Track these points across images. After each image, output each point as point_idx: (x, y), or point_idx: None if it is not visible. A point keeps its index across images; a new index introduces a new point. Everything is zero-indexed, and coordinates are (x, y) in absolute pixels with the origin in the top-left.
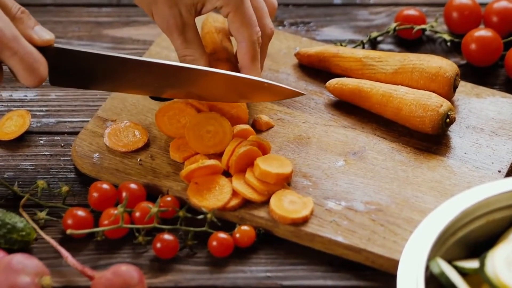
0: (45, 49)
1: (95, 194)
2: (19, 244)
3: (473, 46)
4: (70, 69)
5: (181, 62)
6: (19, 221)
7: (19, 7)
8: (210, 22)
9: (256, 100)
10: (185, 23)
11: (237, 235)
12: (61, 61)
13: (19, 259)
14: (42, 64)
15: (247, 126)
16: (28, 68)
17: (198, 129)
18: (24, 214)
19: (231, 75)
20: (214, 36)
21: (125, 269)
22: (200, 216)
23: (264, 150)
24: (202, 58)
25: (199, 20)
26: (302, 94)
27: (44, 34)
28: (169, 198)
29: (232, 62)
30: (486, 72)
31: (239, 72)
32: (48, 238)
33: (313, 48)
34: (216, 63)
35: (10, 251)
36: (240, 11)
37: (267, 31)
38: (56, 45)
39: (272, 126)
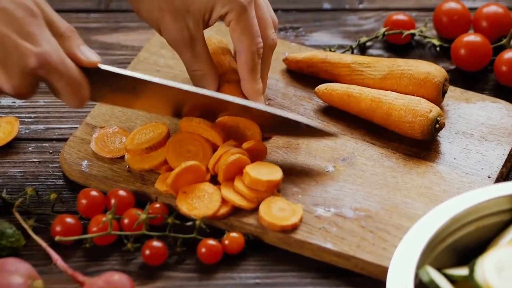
0: (88, 69)
1: (83, 201)
2: (7, 250)
3: (462, 51)
4: (112, 89)
5: (190, 77)
6: (9, 227)
7: (68, 25)
8: (214, 43)
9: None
10: (193, 37)
11: (226, 242)
12: (102, 81)
13: (12, 261)
14: (85, 87)
15: (258, 142)
16: (72, 91)
17: (179, 146)
18: (17, 215)
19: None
20: (221, 58)
21: (117, 278)
22: (189, 223)
23: (261, 154)
24: (211, 72)
25: None
26: (335, 136)
27: (90, 55)
28: (157, 205)
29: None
30: (475, 77)
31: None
32: (38, 239)
33: (302, 53)
34: (226, 85)
35: None
36: (243, 20)
37: (269, 42)
38: (100, 66)
39: None
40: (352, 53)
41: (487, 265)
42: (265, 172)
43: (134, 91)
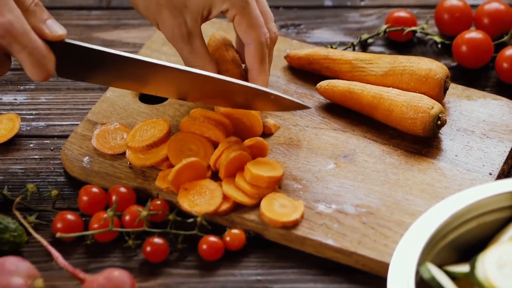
0: (54, 43)
1: (84, 198)
2: (10, 245)
3: (464, 48)
4: (78, 64)
5: None
6: (11, 222)
7: None
8: (217, 39)
9: (260, 109)
10: (190, 32)
11: (227, 239)
12: (70, 56)
13: (12, 261)
14: (50, 60)
15: (260, 139)
16: (35, 64)
17: (180, 145)
18: (17, 213)
19: (236, 83)
20: (224, 53)
21: (118, 274)
22: (190, 220)
23: (263, 151)
24: (210, 67)
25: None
26: (307, 108)
27: (56, 29)
28: (159, 202)
29: (245, 77)
30: (477, 74)
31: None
32: (39, 237)
33: (303, 50)
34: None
35: (0, 252)
36: (247, 13)
37: (271, 35)
38: (66, 40)
39: (279, 127)
40: (354, 50)
41: (488, 262)
42: (266, 169)
43: (103, 66)
